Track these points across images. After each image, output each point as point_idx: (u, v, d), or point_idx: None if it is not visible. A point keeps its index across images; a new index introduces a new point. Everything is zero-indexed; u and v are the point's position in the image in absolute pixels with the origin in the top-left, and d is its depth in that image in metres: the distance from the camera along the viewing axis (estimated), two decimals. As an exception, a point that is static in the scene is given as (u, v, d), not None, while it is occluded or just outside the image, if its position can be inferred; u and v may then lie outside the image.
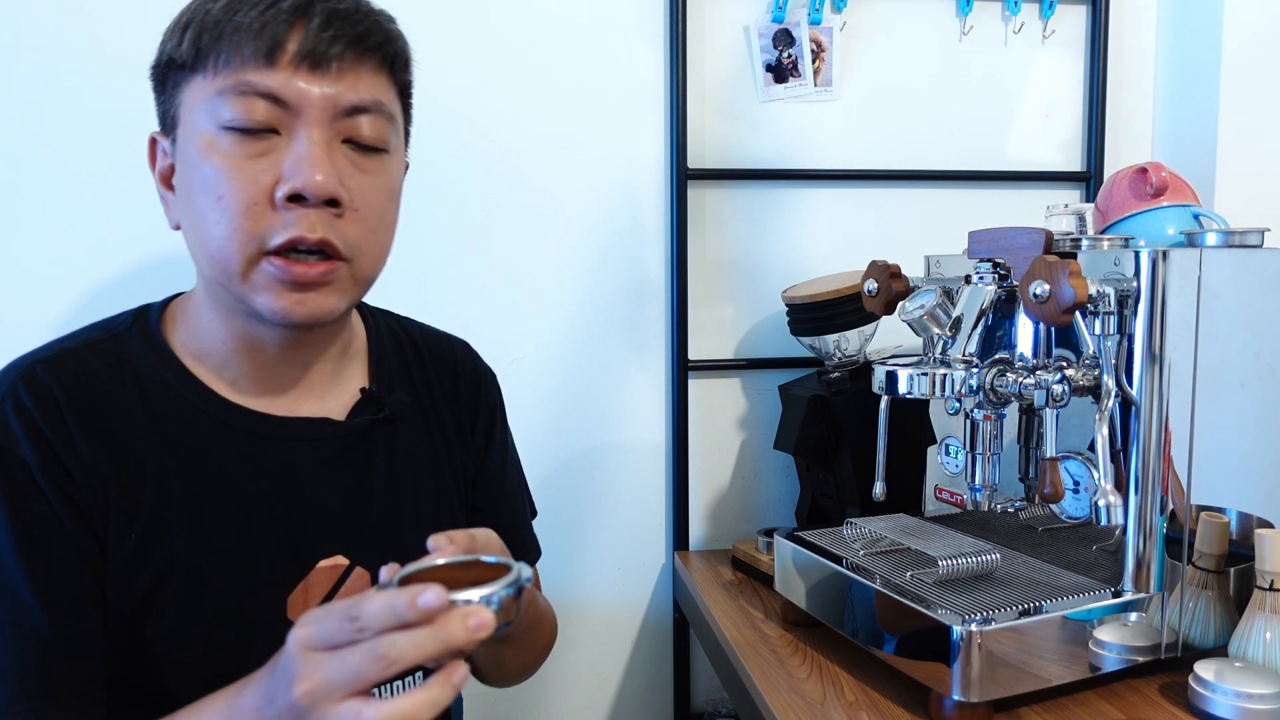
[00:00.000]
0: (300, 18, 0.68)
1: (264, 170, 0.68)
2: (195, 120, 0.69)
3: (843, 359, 1.29)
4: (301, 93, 0.68)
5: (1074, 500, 0.94)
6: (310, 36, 0.68)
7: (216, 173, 0.68)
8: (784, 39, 1.39)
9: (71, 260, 1.25)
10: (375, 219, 0.73)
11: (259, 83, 0.67)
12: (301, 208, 0.68)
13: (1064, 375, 0.86)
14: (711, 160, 1.41)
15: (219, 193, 0.68)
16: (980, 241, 0.99)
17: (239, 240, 0.68)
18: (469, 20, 1.32)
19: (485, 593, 0.57)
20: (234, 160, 0.68)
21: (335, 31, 0.69)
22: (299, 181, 0.67)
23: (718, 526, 1.46)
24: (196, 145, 0.69)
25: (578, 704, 1.45)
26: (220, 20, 0.68)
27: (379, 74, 0.73)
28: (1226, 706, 0.81)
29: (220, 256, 0.69)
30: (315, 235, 0.68)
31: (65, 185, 1.24)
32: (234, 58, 0.67)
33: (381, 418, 0.83)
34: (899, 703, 0.89)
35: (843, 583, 0.98)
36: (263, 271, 0.69)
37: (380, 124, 0.72)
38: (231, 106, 0.67)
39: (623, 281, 1.40)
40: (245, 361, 0.77)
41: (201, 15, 0.69)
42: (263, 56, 0.67)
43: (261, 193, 0.68)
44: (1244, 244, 0.94)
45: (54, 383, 0.71)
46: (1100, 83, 1.47)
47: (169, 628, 0.72)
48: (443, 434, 0.89)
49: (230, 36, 0.67)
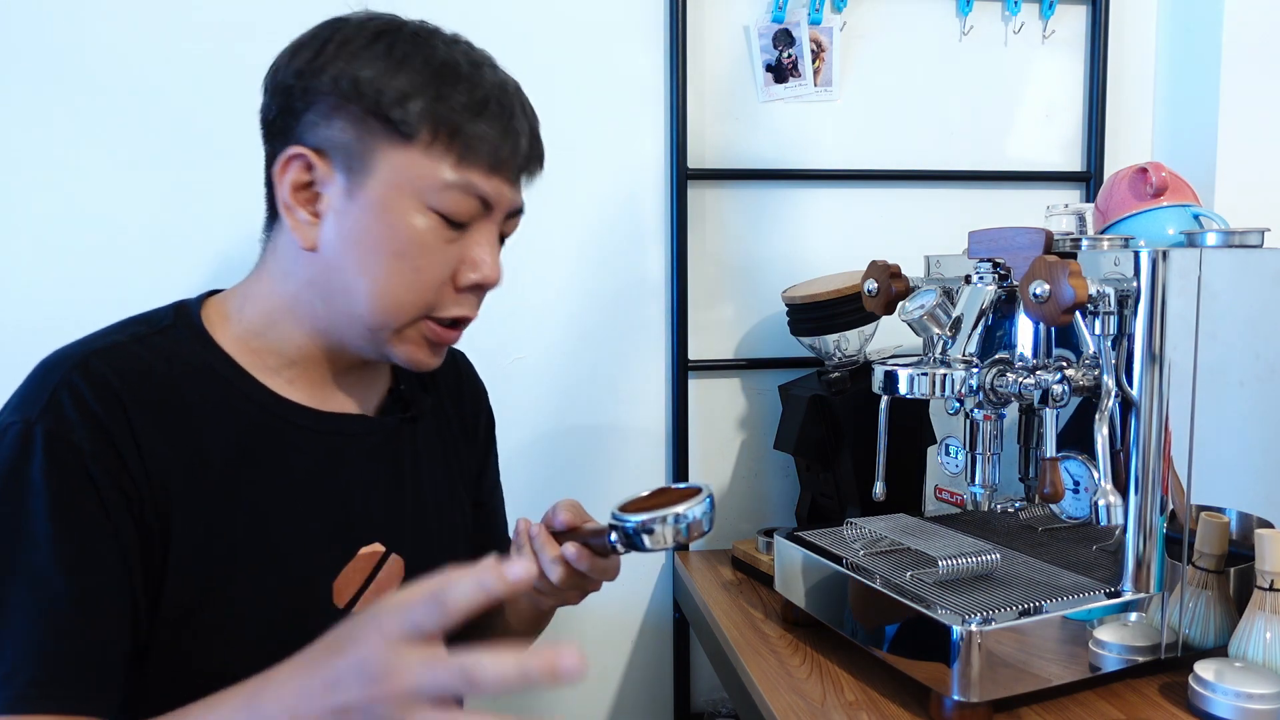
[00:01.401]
0: (523, 136, 0.77)
1: (454, 254, 0.76)
2: (406, 187, 0.73)
3: (843, 359, 1.29)
4: (501, 197, 0.77)
5: (1074, 500, 0.94)
6: (523, 156, 0.77)
7: (420, 247, 0.74)
8: (784, 39, 1.39)
9: (73, 260, 1.25)
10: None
11: (483, 188, 0.75)
12: (477, 294, 0.79)
13: (1064, 375, 0.86)
14: (711, 160, 1.41)
15: (416, 265, 0.75)
16: (980, 241, 0.99)
17: (415, 308, 0.76)
18: (469, 20, 1.31)
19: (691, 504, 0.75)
20: (436, 241, 0.75)
21: (535, 152, 0.79)
22: (485, 276, 0.77)
23: (718, 526, 1.45)
24: (400, 212, 0.74)
25: (578, 704, 1.45)
26: (462, 116, 0.73)
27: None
28: (1226, 706, 0.81)
29: (391, 312, 0.76)
30: (474, 314, 0.80)
31: (67, 185, 1.25)
32: (470, 160, 0.74)
33: (410, 415, 0.89)
34: (899, 703, 0.89)
35: (843, 583, 0.98)
36: (418, 330, 0.78)
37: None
38: (453, 201, 0.74)
39: (623, 281, 1.40)
40: (313, 368, 0.81)
41: (434, 96, 0.72)
42: (490, 165, 0.75)
43: (448, 274, 0.76)
44: (1244, 244, 0.94)
45: (111, 373, 0.72)
46: (1100, 83, 1.47)
47: (228, 614, 0.74)
48: (450, 433, 0.95)
49: (471, 140, 0.73)
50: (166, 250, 1.26)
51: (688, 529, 0.76)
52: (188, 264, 1.26)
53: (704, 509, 0.77)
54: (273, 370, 0.80)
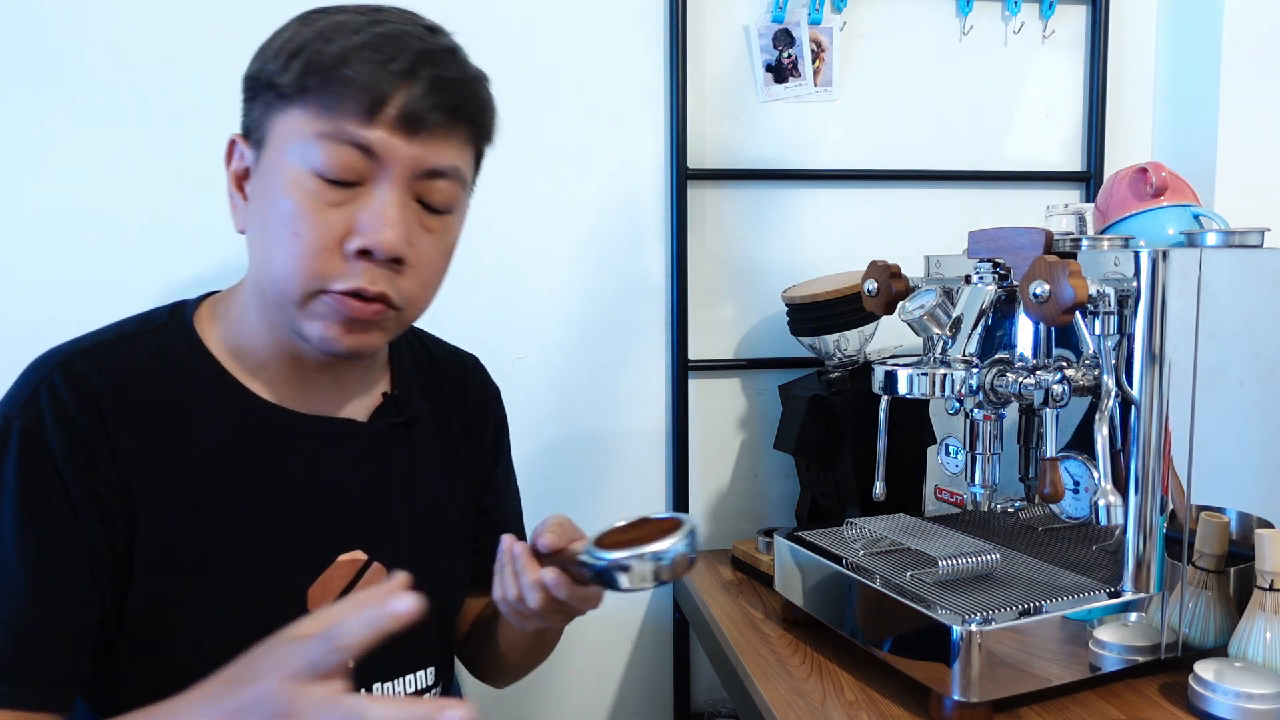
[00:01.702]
0: (407, 80, 0.70)
1: (340, 218, 0.71)
2: (285, 151, 0.71)
3: (843, 359, 1.29)
4: (392, 150, 0.71)
5: (1074, 500, 0.94)
6: (412, 100, 0.70)
7: (296, 210, 0.70)
8: (784, 39, 1.39)
9: (74, 260, 1.25)
10: (430, 275, 0.77)
11: (356, 134, 0.70)
12: (368, 261, 0.71)
13: (1064, 375, 0.86)
14: (711, 160, 1.41)
15: (295, 229, 0.70)
16: (980, 241, 0.99)
17: (303, 277, 0.71)
18: (469, 20, 1.31)
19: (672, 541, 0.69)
20: (315, 203, 0.70)
21: (435, 100, 0.71)
22: (371, 239, 0.70)
23: (718, 526, 1.46)
24: (282, 176, 0.71)
25: (578, 704, 1.45)
26: (331, 66, 0.70)
27: (465, 142, 0.76)
28: (1226, 706, 0.81)
29: (282, 285, 0.72)
30: (375, 289, 0.72)
31: (68, 184, 1.25)
32: (338, 107, 0.69)
33: (401, 421, 0.86)
34: (899, 703, 0.89)
35: (843, 583, 0.98)
36: (321, 303, 0.72)
37: (453, 188, 0.76)
38: (325, 152, 0.70)
39: (623, 281, 1.40)
40: (284, 366, 0.79)
41: (313, 52, 0.70)
42: (364, 113, 0.69)
43: (334, 238, 0.71)
44: (1244, 244, 0.94)
45: (93, 372, 0.73)
46: (1100, 83, 1.47)
47: (195, 615, 0.74)
48: (454, 440, 0.92)
49: (338, 86, 0.69)
50: (168, 250, 1.26)
51: (672, 565, 0.70)
52: (189, 264, 1.26)
53: (686, 544, 0.71)
54: (251, 371, 0.79)
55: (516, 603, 0.77)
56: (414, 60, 0.71)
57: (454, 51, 0.75)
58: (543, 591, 0.75)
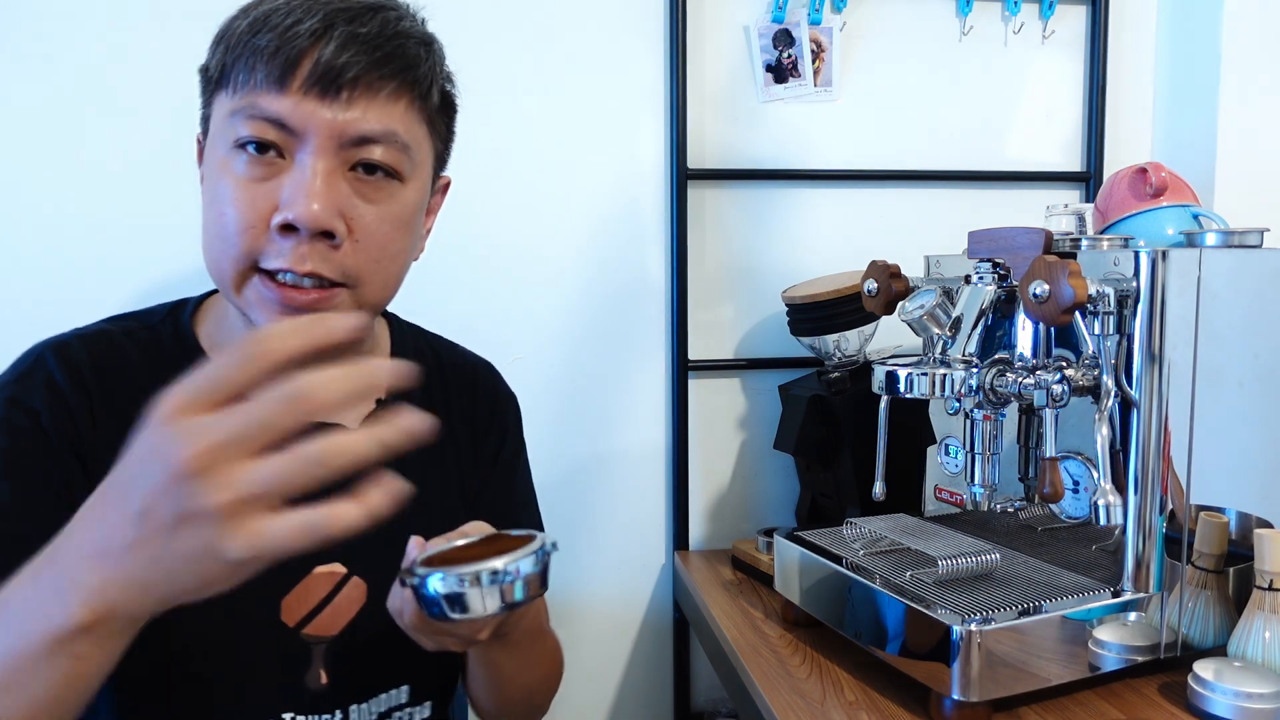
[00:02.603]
0: (317, 41, 0.66)
1: (264, 194, 0.68)
2: (215, 135, 0.70)
3: (843, 359, 1.29)
4: (307, 117, 0.67)
5: (1074, 500, 0.94)
6: (323, 61, 0.66)
7: (224, 190, 0.69)
8: (784, 39, 1.39)
9: (75, 259, 1.25)
10: (378, 249, 0.71)
11: (267, 107, 0.66)
12: (295, 237, 0.67)
13: (1064, 375, 0.86)
14: (711, 160, 1.41)
15: (221, 209, 0.69)
16: (980, 241, 0.99)
17: (231, 258, 0.69)
18: (468, 20, 1.32)
19: (511, 559, 0.58)
20: (239, 181, 0.68)
21: (350, 56, 0.67)
22: (292, 213, 0.66)
23: (718, 526, 1.46)
24: (214, 160, 0.70)
25: (578, 704, 1.45)
26: (241, 39, 0.68)
27: (395, 101, 0.70)
28: (1226, 706, 0.81)
29: (215, 269, 0.71)
30: (304, 268, 0.67)
31: (68, 184, 1.25)
32: (249, 79, 0.67)
33: None
34: (899, 703, 0.89)
35: (843, 583, 0.98)
36: (254, 289, 0.69)
37: (392, 154, 0.70)
38: (242, 129, 0.67)
39: (623, 281, 1.40)
40: None
41: (230, 32, 0.69)
42: (275, 80, 0.66)
43: (259, 216, 0.67)
44: (1243, 244, 0.94)
45: (85, 356, 0.74)
46: (1100, 83, 1.47)
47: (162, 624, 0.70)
48: (456, 452, 0.89)
49: (248, 58, 0.67)
50: (171, 251, 1.26)
51: (520, 586, 0.58)
52: (190, 264, 1.26)
53: (532, 561, 0.59)
54: None
55: (397, 615, 0.71)
56: (325, 19, 0.67)
57: (377, 9, 0.70)
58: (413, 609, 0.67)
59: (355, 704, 0.79)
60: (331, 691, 0.77)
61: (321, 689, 0.77)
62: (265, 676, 0.75)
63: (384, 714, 0.81)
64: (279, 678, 0.76)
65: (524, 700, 0.92)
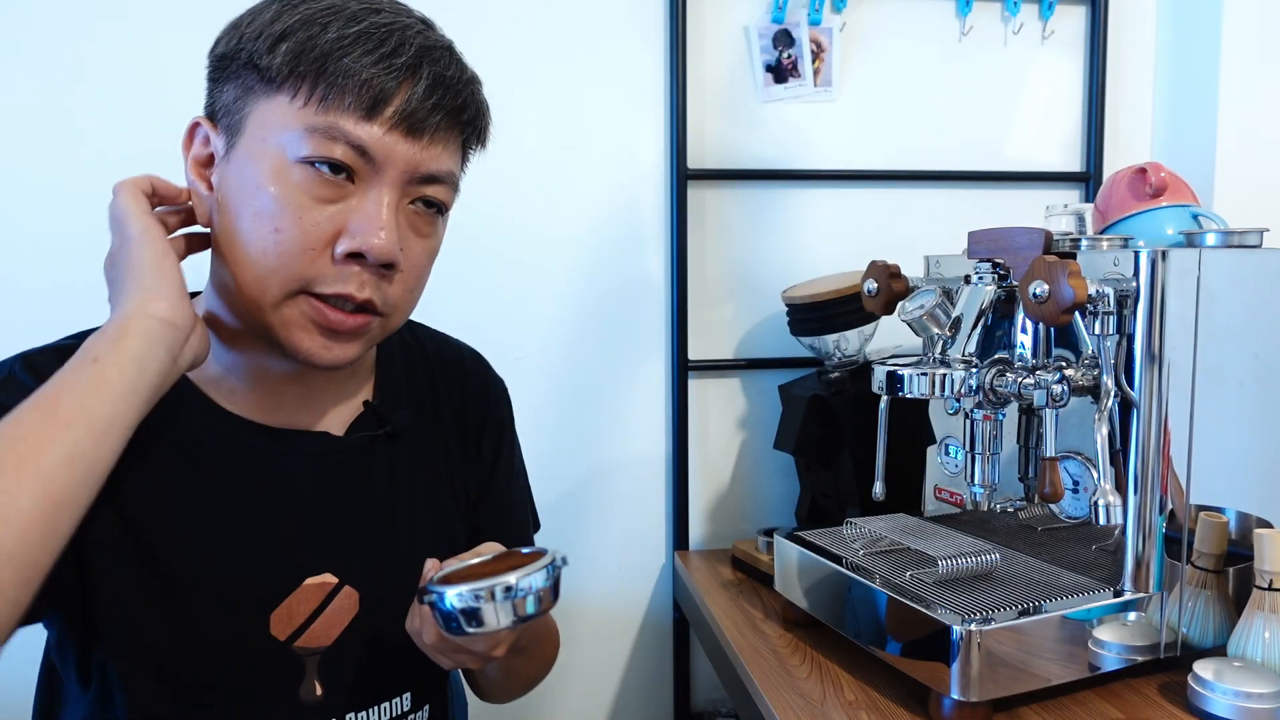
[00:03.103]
0: (409, 77, 0.67)
1: (330, 217, 0.66)
2: (268, 141, 0.67)
3: (843, 359, 1.29)
4: (390, 151, 0.67)
5: (1073, 500, 0.94)
6: (414, 100, 0.67)
7: (280, 205, 0.66)
8: (784, 39, 1.39)
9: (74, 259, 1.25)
10: (416, 280, 0.74)
11: (353, 133, 0.65)
12: (358, 265, 0.68)
13: (1064, 375, 0.86)
14: (711, 161, 1.41)
15: (277, 225, 0.66)
16: (980, 241, 0.99)
17: (283, 277, 0.67)
18: (469, 20, 1.32)
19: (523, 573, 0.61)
20: (303, 199, 0.66)
21: (438, 100, 0.68)
22: (365, 243, 0.66)
23: (718, 526, 1.46)
24: (264, 166, 0.67)
25: (578, 704, 1.45)
26: (328, 54, 0.65)
27: (459, 145, 0.73)
28: (1226, 706, 0.81)
29: (259, 285, 0.67)
30: (363, 295, 0.68)
31: (68, 184, 1.25)
32: (335, 100, 0.65)
33: (382, 434, 0.80)
34: (899, 703, 0.89)
35: (843, 582, 0.99)
36: (298, 309, 0.68)
37: (446, 193, 0.73)
38: (318, 147, 0.65)
39: (623, 281, 1.40)
40: (247, 375, 0.75)
41: (305, 36, 0.66)
42: (365, 108, 0.65)
43: (322, 239, 0.66)
44: (1243, 244, 0.95)
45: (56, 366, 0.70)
46: (1100, 83, 1.47)
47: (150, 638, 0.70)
48: (446, 449, 0.87)
49: (335, 77, 0.65)
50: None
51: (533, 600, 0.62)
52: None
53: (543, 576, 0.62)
54: (214, 381, 0.75)
55: (416, 636, 0.71)
56: (416, 56, 0.67)
57: (451, 49, 0.71)
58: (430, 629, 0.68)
59: (352, 713, 0.78)
60: (327, 703, 0.76)
61: (316, 701, 0.76)
62: (259, 692, 0.74)
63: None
64: (273, 692, 0.74)
65: (528, 684, 0.95)
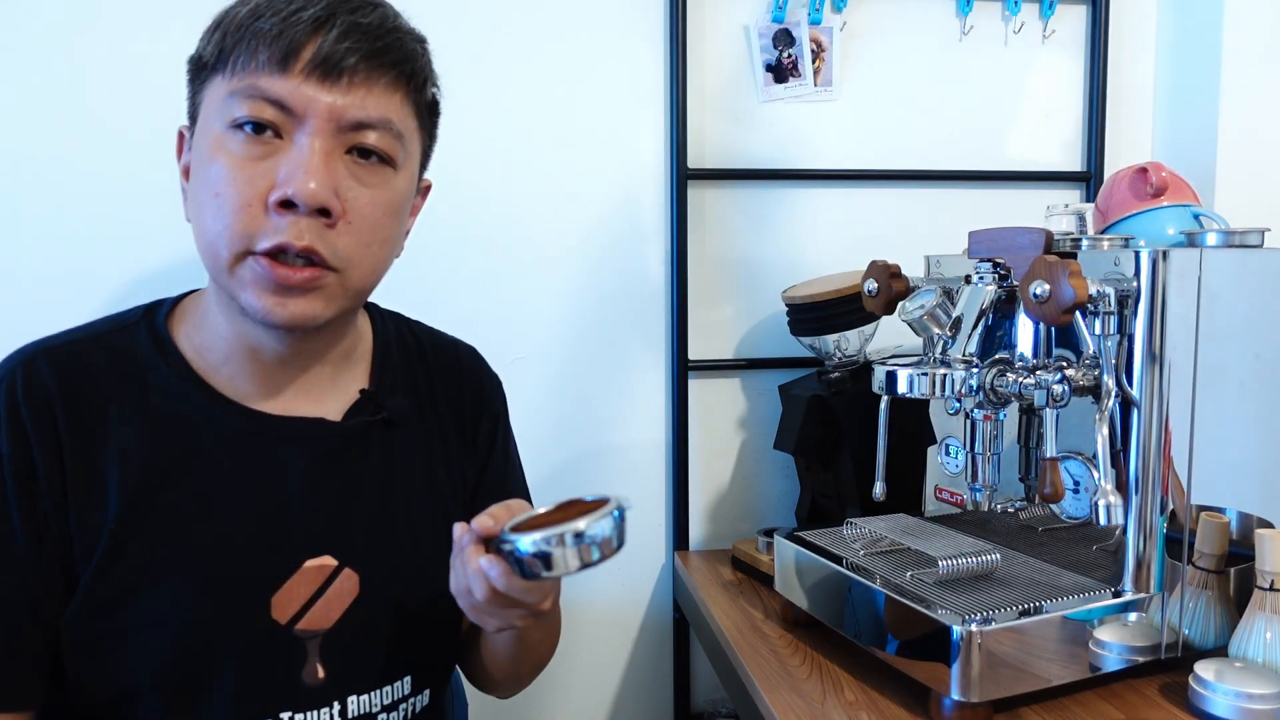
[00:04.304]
0: (320, 27, 0.69)
1: (262, 173, 0.69)
2: (209, 118, 0.71)
3: (843, 359, 1.29)
4: (309, 101, 0.69)
5: (1074, 500, 0.94)
6: (325, 46, 0.69)
7: (219, 171, 0.69)
8: (784, 39, 1.39)
9: (74, 258, 1.25)
10: (369, 232, 0.73)
11: (269, 88, 0.68)
12: (292, 214, 0.69)
13: (1064, 375, 0.86)
14: (711, 160, 1.41)
15: (217, 189, 0.69)
16: (980, 241, 0.99)
17: (228, 238, 0.69)
18: (468, 21, 1.32)
19: (593, 520, 0.65)
20: (236, 160, 0.69)
21: (351, 44, 0.69)
22: (291, 189, 0.68)
23: (718, 526, 1.46)
24: (207, 142, 0.71)
25: (578, 704, 1.45)
26: (243, 24, 0.69)
27: (393, 91, 0.73)
28: (1226, 706, 0.81)
29: (210, 251, 0.71)
30: (301, 243, 0.69)
31: (70, 183, 1.24)
32: (250, 62, 0.69)
33: (378, 420, 0.83)
34: (899, 703, 0.89)
35: (843, 583, 0.98)
36: (248, 269, 0.70)
37: (386, 141, 0.73)
38: (240, 108, 0.69)
39: (623, 281, 1.40)
40: (244, 360, 0.77)
41: (229, 18, 0.71)
42: (277, 63, 0.68)
43: (256, 195, 0.69)
44: (1244, 244, 0.94)
45: (50, 375, 0.73)
46: (1100, 83, 1.47)
47: (148, 621, 0.72)
48: (443, 439, 0.89)
49: (249, 40, 0.69)
50: (165, 250, 1.26)
51: (598, 548, 0.66)
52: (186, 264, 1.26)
53: (610, 524, 0.66)
54: (214, 369, 0.78)
55: (466, 596, 0.72)
56: (329, 8, 0.69)
57: (376, 4, 0.73)
58: (485, 582, 0.69)
59: (354, 695, 0.79)
60: (328, 686, 0.77)
61: (318, 684, 0.77)
62: (260, 675, 0.75)
63: (387, 706, 0.81)
64: (275, 675, 0.76)
65: (534, 667, 0.95)
